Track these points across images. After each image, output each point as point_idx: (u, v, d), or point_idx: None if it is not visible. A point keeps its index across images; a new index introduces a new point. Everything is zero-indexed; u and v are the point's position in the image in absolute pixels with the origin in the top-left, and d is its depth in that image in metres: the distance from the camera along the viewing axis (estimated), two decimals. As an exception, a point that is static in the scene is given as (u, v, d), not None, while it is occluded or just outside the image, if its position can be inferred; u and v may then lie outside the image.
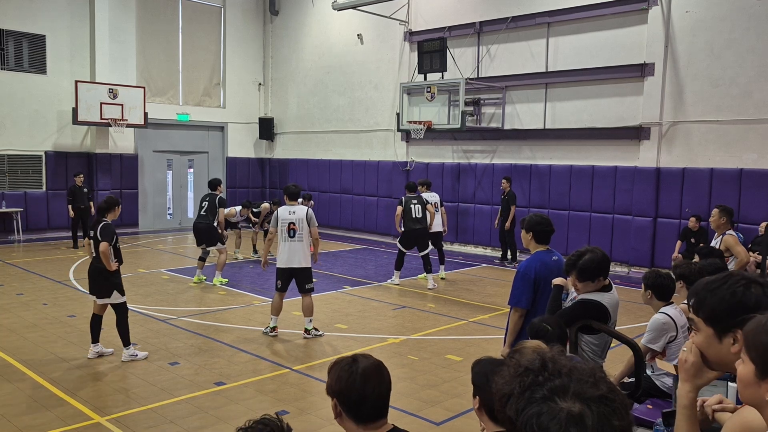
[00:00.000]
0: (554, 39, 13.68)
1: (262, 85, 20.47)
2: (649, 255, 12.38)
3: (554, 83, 13.71)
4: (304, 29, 19.12)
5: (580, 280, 3.92)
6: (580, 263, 3.88)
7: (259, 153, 20.62)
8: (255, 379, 6.39)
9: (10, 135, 15.72)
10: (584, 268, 3.88)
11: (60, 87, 16.22)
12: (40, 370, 6.48)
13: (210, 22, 19.30)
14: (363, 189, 17.60)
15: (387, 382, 2.27)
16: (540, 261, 4.62)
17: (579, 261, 3.89)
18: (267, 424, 1.90)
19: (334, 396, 2.23)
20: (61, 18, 16.31)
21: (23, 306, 9.08)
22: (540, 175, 13.94)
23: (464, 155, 15.53)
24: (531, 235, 4.67)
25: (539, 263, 4.61)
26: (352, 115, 17.89)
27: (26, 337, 7.62)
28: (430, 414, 5.59)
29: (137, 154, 17.90)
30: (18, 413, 5.44)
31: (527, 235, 4.70)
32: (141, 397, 5.86)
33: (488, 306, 9.71)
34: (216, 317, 8.75)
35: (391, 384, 2.30)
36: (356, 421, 2.21)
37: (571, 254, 3.99)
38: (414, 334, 8.16)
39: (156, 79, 18.18)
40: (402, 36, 16.35)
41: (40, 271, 11.63)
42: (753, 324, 1.57)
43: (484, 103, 14.85)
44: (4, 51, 15.58)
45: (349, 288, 10.90)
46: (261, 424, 1.89)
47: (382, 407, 2.25)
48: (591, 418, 1.10)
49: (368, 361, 2.26)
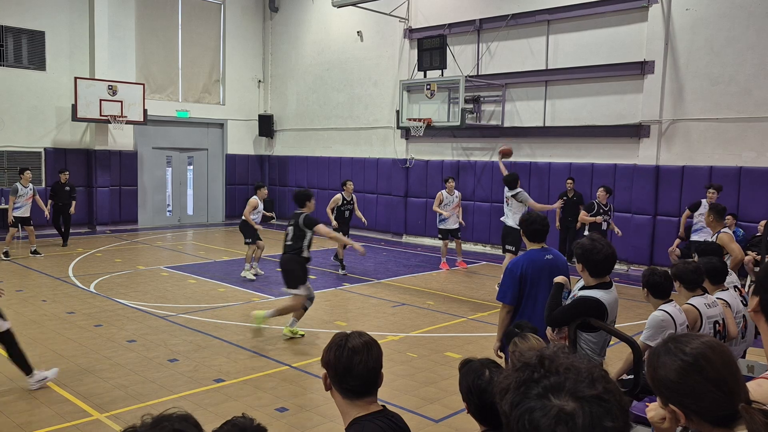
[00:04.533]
0: (554, 36, 13.67)
1: (262, 82, 20.45)
2: (648, 252, 12.39)
3: (554, 81, 13.70)
4: (304, 26, 19.10)
5: (578, 260, 4.00)
6: (589, 246, 3.93)
7: (258, 150, 20.61)
8: (254, 376, 6.40)
9: (9, 131, 15.70)
10: (586, 251, 3.93)
11: (59, 83, 16.20)
12: (38, 367, 6.47)
13: (209, 19, 19.28)
14: (362, 186, 17.57)
15: (375, 358, 2.31)
16: (530, 259, 4.74)
17: (588, 244, 3.94)
18: (236, 424, 1.91)
19: (326, 367, 2.32)
20: (60, 14, 16.27)
21: (22, 302, 9.08)
22: (539, 173, 13.94)
23: (464, 153, 15.53)
24: (523, 233, 4.87)
25: (528, 261, 4.73)
26: (352, 112, 17.87)
27: (25, 334, 7.61)
28: (429, 411, 5.60)
29: (137, 150, 17.89)
30: (17, 410, 5.44)
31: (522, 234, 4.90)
32: (140, 394, 5.86)
33: (487, 303, 9.72)
34: (215, 314, 8.76)
35: (382, 363, 2.33)
36: (343, 394, 2.28)
37: (588, 237, 4.06)
38: (413, 331, 8.16)
39: (155, 75, 18.16)
40: (402, 33, 16.33)
41: (39, 268, 11.63)
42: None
43: (483, 100, 14.84)
44: (4, 47, 15.55)
45: (348, 285, 10.90)
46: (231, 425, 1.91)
47: (369, 383, 2.29)
48: (582, 418, 1.10)
49: (360, 338, 2.34)
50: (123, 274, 11.38)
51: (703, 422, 1.56)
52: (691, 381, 1.55)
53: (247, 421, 1.93)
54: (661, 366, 1.60)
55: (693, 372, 1.55)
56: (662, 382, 1.60)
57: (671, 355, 1.60)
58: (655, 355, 1.65)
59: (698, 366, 1.55)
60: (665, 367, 1.59)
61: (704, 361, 1.55)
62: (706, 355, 1.56)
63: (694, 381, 1.55)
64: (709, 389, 1.53)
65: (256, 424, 1.92)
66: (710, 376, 1.54)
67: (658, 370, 1.61)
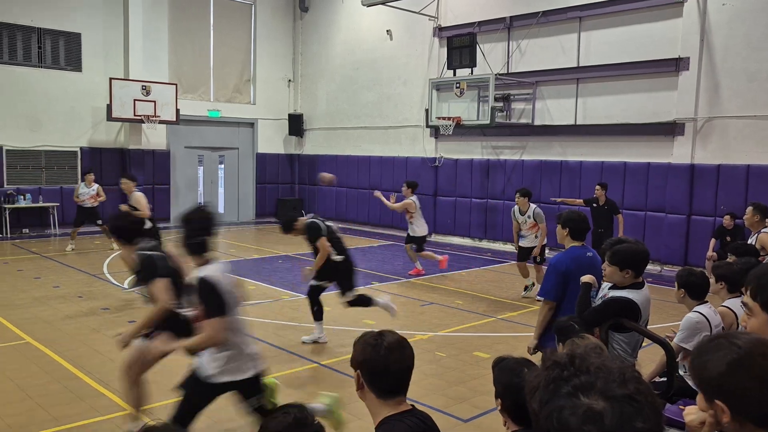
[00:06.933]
0: (586, 33, 13.49)
1: (292, 81, 20.59)
2: (682, 253, 12.16)
3: (586, 78, 13.53)
4: (334, 25, 19.18)
5: (611, 262, 3.95)
6: (617, 246, 3.93)
7: (288, 149, 20.76)
8: (284, 373, 6.45)
9: (47, 131, 16.09)
10: (617, 252, 3.91)
11: (95, 84, 16.53)
12: (75, 361, 6.63)
13: (240, 19, 19.48)
14: (391, 185, 17.58)
15: (409, 357, 2.31)
16: (573, 256, 4.71)
17: (617, 244, 3.96)
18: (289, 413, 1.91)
19: (359, 367, 2.29)
20: (96, 16, 16.61)
21: (59, 298, 9.30)
22: (570, 172, 13.78)
23: (493, 151, 15.43)
24: (567, 231, 4.80)
25: (571, 258, 4.70)
26: (381, 111, 17.90)
27: (61, 329, 7.80)
28: (458, 411, 5.58)
29: (169, 150, 18.17)
30: (54, 403, 5.57)
31: (563, 231, 4.83)
32: (171, 390, 5.95)
33: (517, 303, 9.64)
34: (245, 311, 8.82)
35: (414, 362, 2.33)
36: (377, 393, 2.26)
37: (616, 238, 4.07)
38: (442, 330, 8.14)
39: (188, 75, 18.42)
40: (431, 32, 16.28)
41: (76, 265, 11.89)
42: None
43: (514, 98, 14.72)
44: (42, 49, 15.94)
45: (377, 284, 10.92)
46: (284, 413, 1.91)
47: (402, 382, 2.29)
48: (611, 417, 1.08)
49: (393, 336, 2.33)
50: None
51: (746, 422, 1.52)
52: (741, 375, 1.51)
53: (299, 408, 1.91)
54: (710, 360, 1.57)
55: (744, 366, 1.52)
56: (710, 377, 1.56)
57: (722, 349, 1.56)
58: (702, 350, 1.62)
59: (750, 359, 1.52)
60: (715, 360, 1.55)
61: (757, 354, 1.52)
62: (759, 349, 1.53)
63: (744, 375, 1.51)
64: (758, 385, 1.50)
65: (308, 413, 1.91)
66: (760, 371, 1.51)
67: (706, 364, 1.58)
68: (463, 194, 15.92)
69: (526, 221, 9.68)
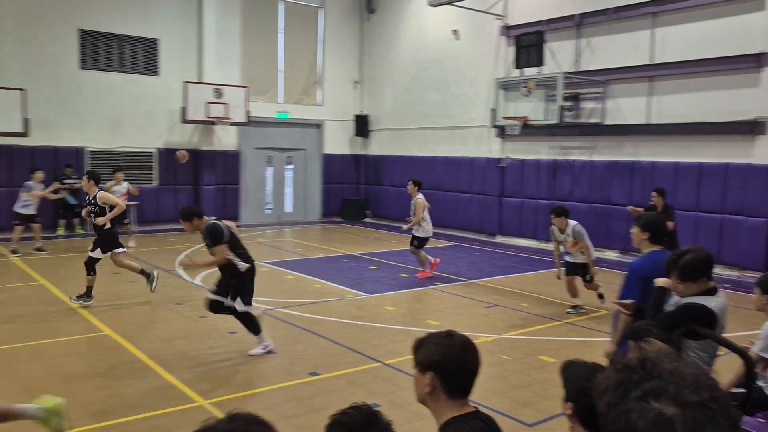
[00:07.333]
0: (660, 29, 13.03)
1: (358, 82, 20.80)
2: (762, 258, 11.57)
3: (659, 76, 13.06)
4: (400, 26, 19.25)
5: (681, 280, 3.76)
6: (682, 261, 3.73)
7: (354, 150, 20.98)
8: (347, 371, 6.53)
9: (126, 133, 16.85)
10: (686, 266, 3.73)
11: (170, 87, 17.18)
12: (150, 353, 6.92)
13: (309, 22, 19.84)
14: (456, 185, 17.52)
15: (479, 357, 2.28)
16: (653, 260, 4.55)
17: (680, 259, 3.75)
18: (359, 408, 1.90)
19: (431, 369, 2.21)
20: (173, 22, 17.28)
21: (135, 293, 9.72)
22: (642, 173, 13.34)
23: (561, 152, 15.11)
24: (647, 236, 4.62)
25: (652, 262, 4.54)
26: (447, 111, 17.83)
27: (137, 322, 8.16)
28: (523, 415, 5.50)
29: (239, 150, 18.69)
30: (130, 392, 5.83)
31: (642, 234, 4.64)
32: (240, 383, 6.13)
33: (584, 307, 9.41)
34: (311, 309, 9.00)
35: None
36: (451, 395, 2.20)
37: (673, 253, 3.85)
38: (506, 333, 8.05)
39: (258, 78, 18.90)
40: (498, 30, 16.10)
41: (151, 261, 12.39)
42: None
43: (583, 97, 14.38)
44: (122, 55, 16.71)
45: (441, 285, 10.89)
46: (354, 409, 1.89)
47: (473, 382, 2.25)
48: (683, 423, 1.05)
49: (462, 336, 2.28)
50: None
51: None
52: None
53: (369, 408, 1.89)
54: None
55: None
56: None
57: None
58: None
59: None
60: None
61: None
62: None
63: None
64: None
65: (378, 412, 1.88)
66: None
67: None
68: (530, 195, 15.67)
69: (566, 239, 9.15)
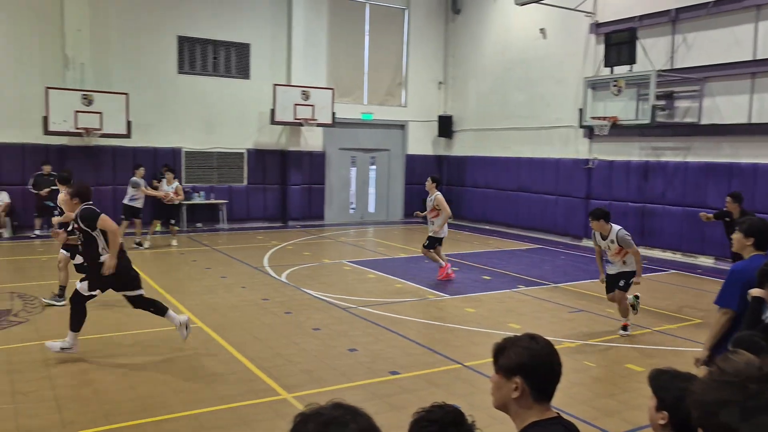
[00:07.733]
0: (765, 23, 12.26)
1: (442, 83, 20.77)
2: None
3: (763, 72, 12.30)
4: (485, 26, 19.07)
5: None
6: None
7: (437, 150, 20.97)
8: (427, 371, 6.57)
9: (219, 134, 17.61)
10: None
11: (260, 90, 17.79)
12: (238, 347, 7.22)
13: (394, 24, 20.01)
14: (541, 187, 17.18)
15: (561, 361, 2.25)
16: (756, 265, 4.30)
17: None
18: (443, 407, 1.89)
19: (519, 372, 2.18)
20: (264, 27, 17.89)
21: (225, 288, 10.16)
22: (743, 175, 12.60)
23: (653, 153, 14.51)
24: (751, 241, 4.40)
25: (755, 267, 4.29)
26: (532, 112, 17.51)
27: (227, 316, 8.52)
28: (607, 424, 5.36)
29: (324, 151, 19.10)
30: (219, 384, 6.11)
31: (746, 240, 4.42)
32: (323, 379, 6.30)
33: (676, 315, 9.02)
34: (392, 309, 9.10)
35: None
36: (538, 399, 2.18)
37: (765, 264, 3.63)
38: (591, 339, 7.84)
39: (343, 80, 19.25)
40: (587, 28, 15.66)
41: (240, 257, 12.90)
42: None
43: (677, 96, 13.75)
44: (216, 59, 17.48)
45: (523, 288, 10.73)
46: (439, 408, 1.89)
47: (556, 387, 2.22)
48: None
49: (545, 339, 2.24)
50: (310, 266, 12.25)
51: None
52: None
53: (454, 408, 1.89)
54: None
55: None
56: None
57: None
58: None
59: None
60: None
61: None
62: None
63: None
64: None
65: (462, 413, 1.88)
66: None
67: None
68: (618, 197, 15.13)
69: (609, 247, 8.05)
